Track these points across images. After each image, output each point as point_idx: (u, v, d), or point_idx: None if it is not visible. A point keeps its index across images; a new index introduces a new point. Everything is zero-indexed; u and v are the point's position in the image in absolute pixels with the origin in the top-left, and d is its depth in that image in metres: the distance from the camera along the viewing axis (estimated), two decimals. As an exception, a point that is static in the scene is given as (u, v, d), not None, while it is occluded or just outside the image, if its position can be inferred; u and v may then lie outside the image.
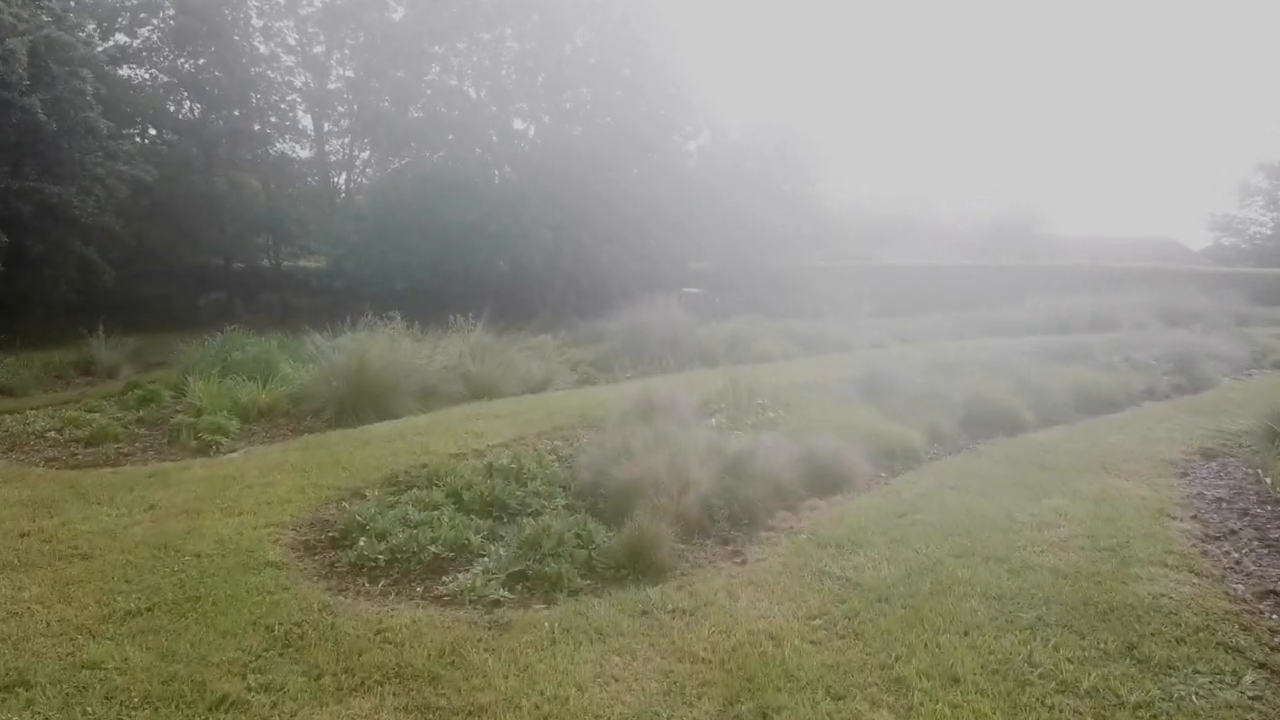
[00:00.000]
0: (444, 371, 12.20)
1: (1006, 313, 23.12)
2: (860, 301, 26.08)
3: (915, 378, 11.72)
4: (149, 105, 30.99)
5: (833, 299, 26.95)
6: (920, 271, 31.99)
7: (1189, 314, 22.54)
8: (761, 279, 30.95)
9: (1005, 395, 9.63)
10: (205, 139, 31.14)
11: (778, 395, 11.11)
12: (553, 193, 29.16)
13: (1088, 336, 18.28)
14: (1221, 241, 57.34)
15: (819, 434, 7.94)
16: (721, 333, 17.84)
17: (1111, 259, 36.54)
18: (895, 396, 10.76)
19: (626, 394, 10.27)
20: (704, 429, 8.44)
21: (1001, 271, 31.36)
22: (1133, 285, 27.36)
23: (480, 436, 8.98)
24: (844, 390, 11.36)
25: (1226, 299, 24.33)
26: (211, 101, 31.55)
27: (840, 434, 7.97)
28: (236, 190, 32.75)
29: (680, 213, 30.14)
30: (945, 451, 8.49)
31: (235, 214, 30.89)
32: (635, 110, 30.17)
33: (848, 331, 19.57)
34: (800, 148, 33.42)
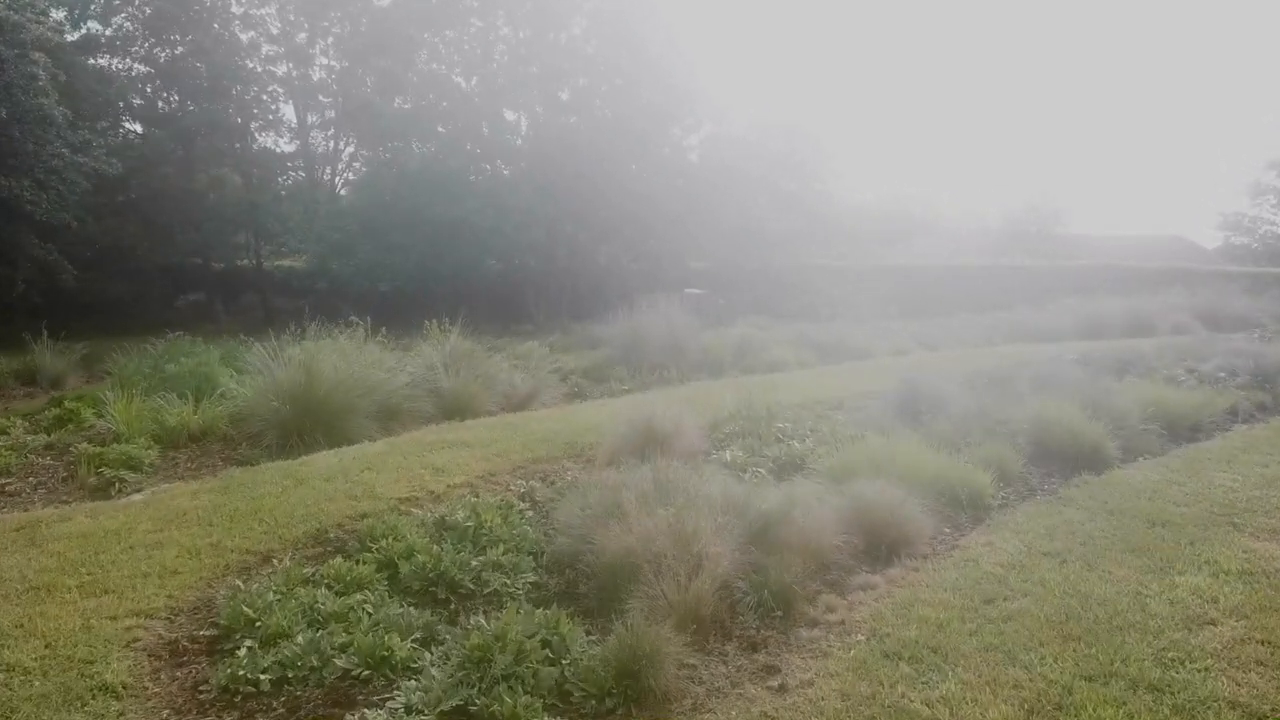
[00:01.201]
0: (411, 387, 10.53)
1: (1032, 315, 21.45)
2: (873, 303, 24.45)
3: (958, 394, 10.07)
4: (120, 96, 29.29)
5: (843, 300, 25.30)
6: (933, 271, 30.31)
7: (1232, 317, 20.91)
8: (767, 279, 29.31)
9: (1074, 418, 7.95)
10: (182, 132, 29.46)
11: (800, 417, 9.46)
12: (547, 188, 27.54)
13: (1133, 342, 16.61)
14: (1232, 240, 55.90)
15: (859, 474, 6.30)
16: (728, 338, 16.19)
17: (1128, 258, 34.90)
18: (940, 418, 9.11)
19: (622, 415, 8.61)
20: (716, 470, 6.79)
21: (1018, 272, 29.69)
22: (1155, 286, 25.75)
23: (440, 474, 7.32)
24: (877, 410, 9.69)
25: (1269, 301, 22.63)
26: (189, 92, 29.89)
27: (885, 473, 6.32)
28: (216, 186, 31.09)
29: (681, 210, 28.51)
30: (1018, 495, 6.82)
31: (213, 211, 29.23)
32: (634, 102, 28.52)
33: (865, 336, 17.90)
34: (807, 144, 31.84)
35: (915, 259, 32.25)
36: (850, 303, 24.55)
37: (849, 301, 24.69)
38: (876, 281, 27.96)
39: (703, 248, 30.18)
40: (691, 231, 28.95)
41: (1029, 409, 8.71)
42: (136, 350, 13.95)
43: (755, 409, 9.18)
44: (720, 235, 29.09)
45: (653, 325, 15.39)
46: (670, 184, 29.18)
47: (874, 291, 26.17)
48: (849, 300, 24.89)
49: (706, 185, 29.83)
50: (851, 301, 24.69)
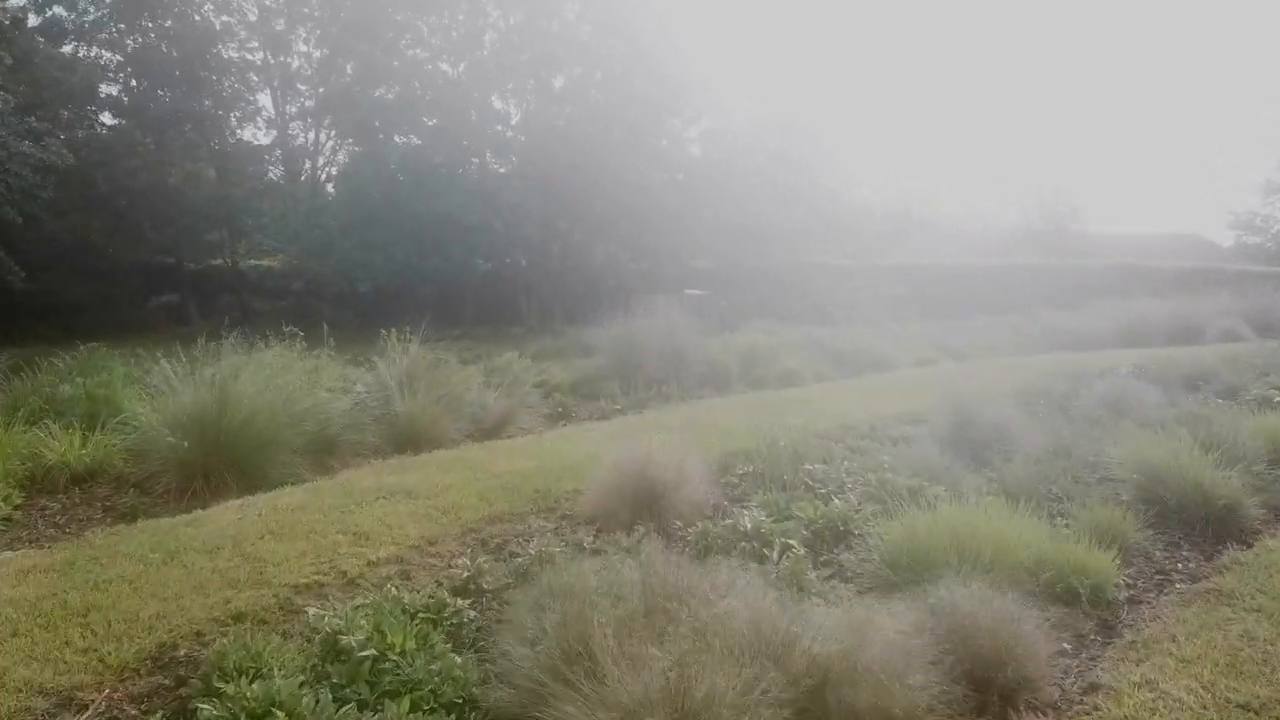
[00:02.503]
0: (357, 411, 8.73)
1: (1063, 319, 19.65)
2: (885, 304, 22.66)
3: (1018, 420, 8.27)
4: (86, 84, 27.44)
5: (854, 301, 23.51)
6: (946, 270, 28.48)
7: (1285, 321, 19.12)
8: (772, 279, 27.50)
9: (1192, 462, 6.12)
10: (153, 122, 27.67)
11: (830, 453, 7.65)
12: (539, 182, 25.76)
13: (1190, 352, 14.81)
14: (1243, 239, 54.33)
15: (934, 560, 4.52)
16: (735, 346, 14.38)
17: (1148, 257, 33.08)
18: (1007, 456, 7.32)
19: (611, 449, 6.82)
20: (730, 539, 5.00)
21: (1036, 271, 27.85)
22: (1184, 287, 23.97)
23: (363, 542, 5.52)
24: (923, 442, 7.88)
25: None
26: (161, 81, 28.10)
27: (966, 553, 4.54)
28: (192, 180, 29.28)
29: (681, 205, 26.70)
30: (1148, 582, 5.01)
31: (186, 207, 27.41)
32: (630, 92, 26.72)
33: (884, 343, 16.09)
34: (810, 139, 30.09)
35: (927, 257, 30.43)
36: (861, 304, 22.76)
37: (860, 303, 22.90)
38: (887, 281, 26.15)
39: (704, 245, 28.38)
40: (691, 228, 27.15)
41: (1123, 447, 6.90)
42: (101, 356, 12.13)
43: (776, 443, 7.36)
44: (722, 232, 27.28)
45: (650, 331, 13.58)
46: (669, 178, 27.39)
47: (885, 292, 24.40)
48: (860, 301, 23.09)
49: (707, 180, 28.04)
50: (862, 302, 22.90)
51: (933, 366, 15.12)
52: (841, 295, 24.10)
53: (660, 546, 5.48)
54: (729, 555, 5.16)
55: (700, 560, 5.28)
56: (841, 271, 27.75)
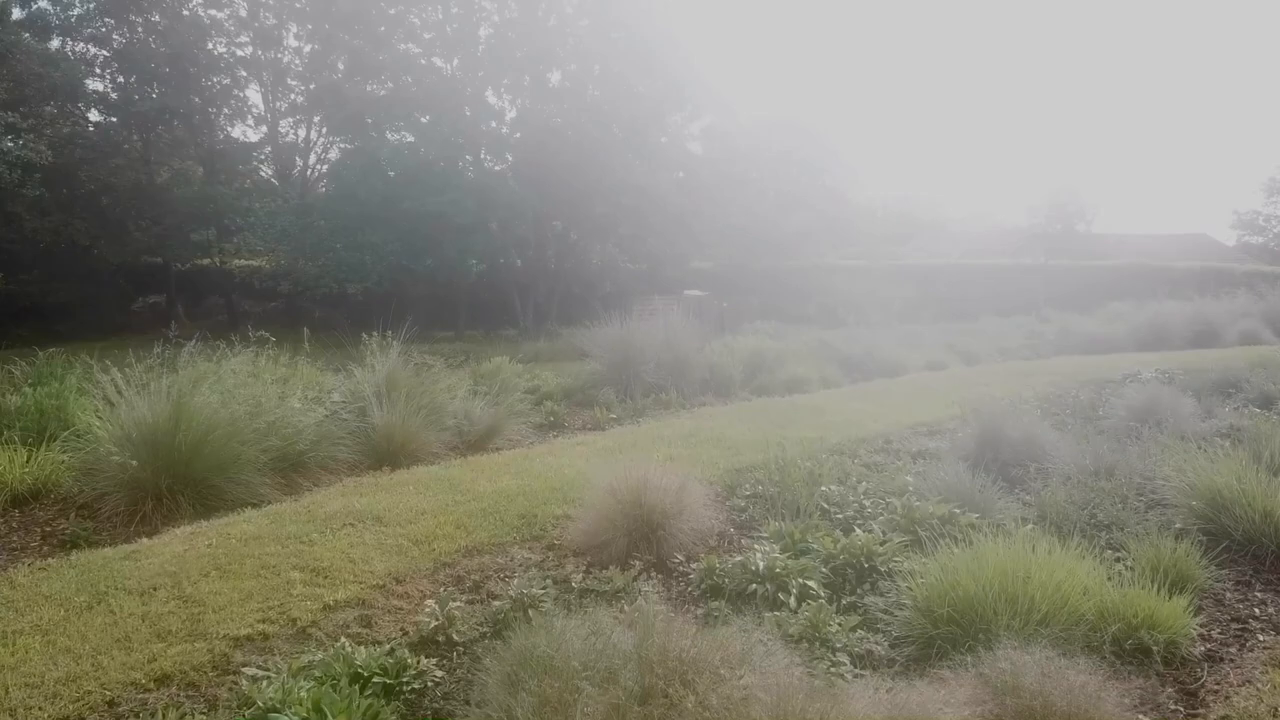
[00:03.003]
0: (330, 423, 8.04)
1: (1078, 322, 18.96)
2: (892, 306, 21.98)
3: (1048, 434, 7.59)
4: (70, 80, 26.71)
5: (860, 303, 22.80)
6: (956, 272, 27.80)
7: (1310, 324, 18.45)
8: (776, 281, 26.84)
9: (1255, 485, 5.42)
10: (140, 120, 27.00)
11: (845, 470, 6.98)
12: (535, 181, 25.08)
13: (1217, 356, 14.14)
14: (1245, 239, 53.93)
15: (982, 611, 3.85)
16: (739, 350, 13.69)
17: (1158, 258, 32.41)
18: (1037, 473, 6.66)
19: (602, 472, 6.12)
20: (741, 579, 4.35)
21: (1046, 272, 27.14)
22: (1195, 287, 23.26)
23: (321, 580, 4.84)
24: (945, 459, 7.21)
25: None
26: (148, 77, 27.36)
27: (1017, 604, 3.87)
28: (178, 179, 28.62)
29: (682, 205, 26.02)
30: (1224, 632, 4.33)
31: (173, 205, 26.68)
32: (629, 87, 26.05)
33: (894, 347, 15.40)
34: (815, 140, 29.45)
35: (934, 259, 29.73)
36: (868, 306, 22.07)
37: (866, 305, 22.21)
38: (894, 283, 25.44)
39: (705, 246, 27.72)
40: (692, 229, 26.47)
41: (1171, 466, 6.22)
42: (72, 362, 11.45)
43: (789, 467, 6.68)
44: (724, 233, 26.62)
45: (649, 334, 12.90)
46: (670, 177, 26.72)
47: (893, 293, 23.69)
48: (866, 303, 22.40)
49: (709, 179, 27.39)
50: (869, 304, 22.21)
51: (945, 371, 14.45)
52: (848, 297, 23.41)
53: (659, 588, 4.83)
54: (739, 601, 4.49)
55: (705, 604, 4.62)
56: (848, 273, 27.08)
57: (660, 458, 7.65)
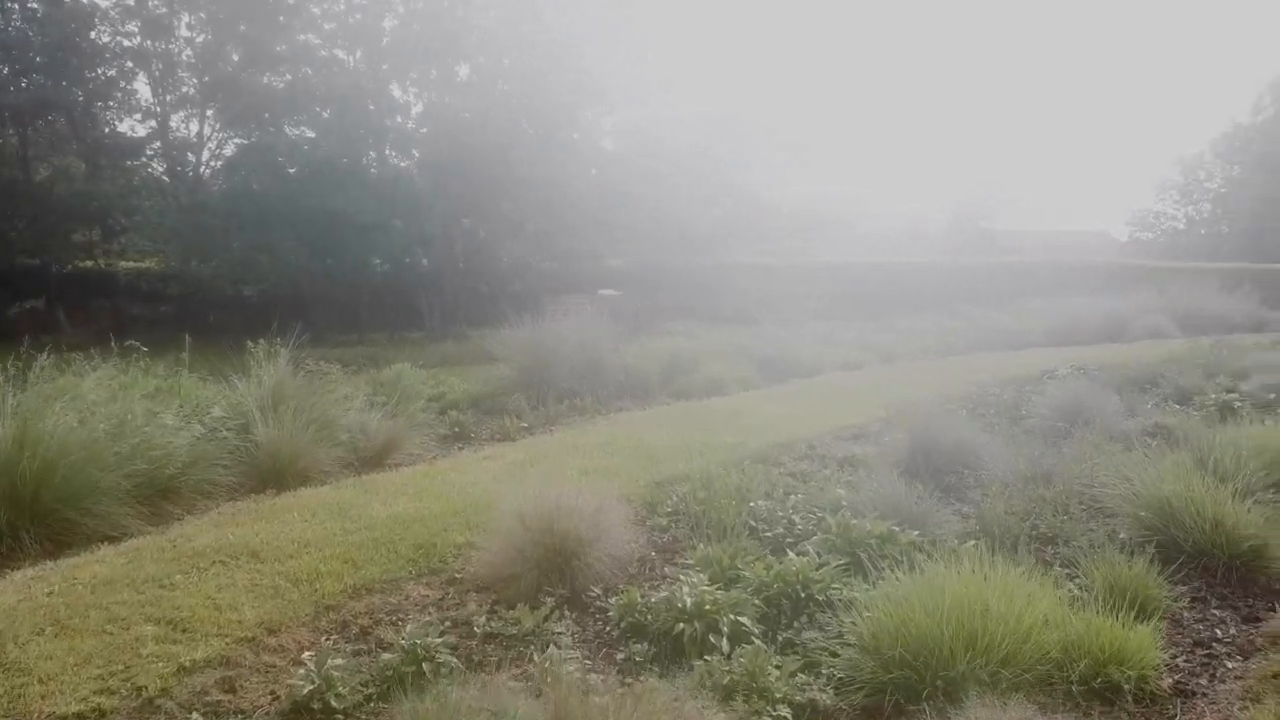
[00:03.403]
0: (207, 442, 7.25)
1: (991, 317, 19.06)
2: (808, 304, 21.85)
3: (976, 435, 7.28)
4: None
5: (777, 302, 22.58)
6: (870, 270, 27.85)
7: (1210, 318, 18.85)
8: (693, 279, 26.47)
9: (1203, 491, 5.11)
10: (16, 113, 25.14)
11: (772, 481, 6.53)
12: (442, 178, 24.17)
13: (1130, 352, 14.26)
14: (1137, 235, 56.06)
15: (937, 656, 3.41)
16: (656, 352, 13.19)
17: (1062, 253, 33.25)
18: (972, 481, 6.33)
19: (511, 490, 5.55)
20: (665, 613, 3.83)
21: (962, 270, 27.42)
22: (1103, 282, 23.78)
23: (178, 635, 4.15)
24: (874, 466, 6.83)
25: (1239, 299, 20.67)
26: (26, 68, 25.53)
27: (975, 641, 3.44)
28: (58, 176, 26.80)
29: (596, 203, 25.40)
30: (1192, 663, 3.97)
31: (51, 204, 24.93)
32: (541, 83, 25.32)
33: (811, 346, 15.12)
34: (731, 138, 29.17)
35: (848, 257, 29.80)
36: (783, 304, 21.85)
37: (782, 303, 21.98)
38: (809, 281, 25.31)
39: (619, 244, 27.18)
40: (607, 226, 25.90)
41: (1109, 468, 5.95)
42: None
43: (710, 471, 6.20)
44: (638, 231, 26.11)
45: (562, 336, 12.30)
46: (583, 173, 26.09)
47: (808, 291, 23.55)
48: (782, 301, 22.17)
49: (622, 176, 26.82)
50: (784, 303, 22.00)
51: (862, 371, 14.22)
52: (763, 295, 23.16)
53: (573, 628, 4.28)
54: (665, 643, 3.97)
55: (627, 646, 4.09)
56: (762, 270, 26.82)
57: (575, 471, 7.11)
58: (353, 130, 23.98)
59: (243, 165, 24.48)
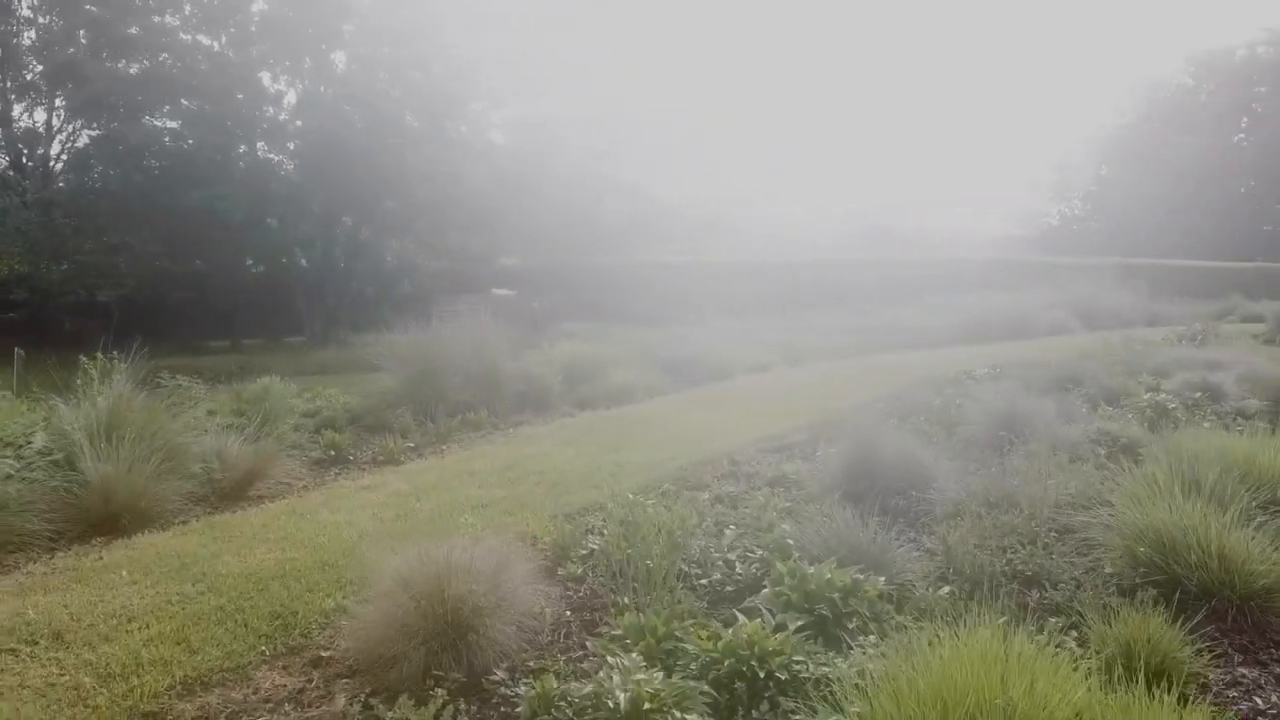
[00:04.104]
0: (18, 481, 5.97)
1: (899, 315, 18.74)
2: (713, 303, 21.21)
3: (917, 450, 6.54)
4: None
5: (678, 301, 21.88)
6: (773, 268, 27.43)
7: (1107, 313, 18.96)
8: (590, 278, 25.57)
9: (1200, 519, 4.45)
10: None
11: (702, 512, 5.66)
12: (320, 173, 22.60)
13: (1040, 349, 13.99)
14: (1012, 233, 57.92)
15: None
16: (558, 357, 12.24)
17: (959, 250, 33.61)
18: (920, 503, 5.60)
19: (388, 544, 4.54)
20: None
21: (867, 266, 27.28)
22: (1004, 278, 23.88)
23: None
24: (817, 489, 6.07)
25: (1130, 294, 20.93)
26: None
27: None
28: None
29: (488, 199, 24.23)
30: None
31: None
32: (425, 74, 24.02)
33: (719, 348, 14.39)
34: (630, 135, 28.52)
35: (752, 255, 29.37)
36: (686, 303, 21.17)
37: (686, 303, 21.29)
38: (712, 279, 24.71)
39: (513, 243, 26.09)
40: (500, 224, 24.78)
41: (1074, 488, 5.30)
42: None
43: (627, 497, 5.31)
44: (534, 228, 25.08)
45: (454, 342, 11.23)
46: (473, 169, 24.88)
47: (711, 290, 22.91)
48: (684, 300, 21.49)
49: (516, 172, 25.73)
50: (687, 302, 21.32)
51: (774, 373, 13.58)
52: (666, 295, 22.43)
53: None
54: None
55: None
56: (664, 270, 26.08)
57: (469, 505, 6.12)
58: (219, 121, 22.24)
59: (95, 159, 22.47)
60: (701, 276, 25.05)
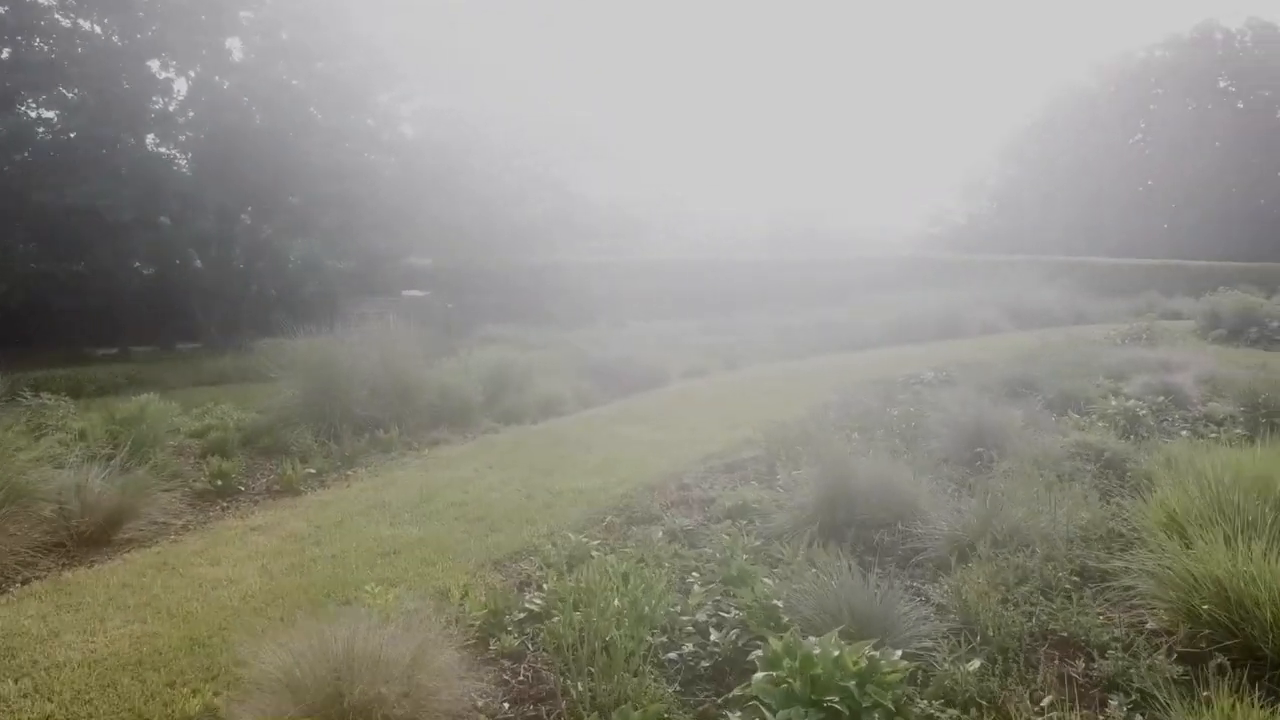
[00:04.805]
0: None
1: (830, 315, 18.18)
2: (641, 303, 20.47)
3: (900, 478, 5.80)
4: None
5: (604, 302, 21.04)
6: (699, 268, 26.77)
7: (1035, 311, 18.76)
8: (508, 278, 24.48)
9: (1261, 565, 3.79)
10: None
11: (658, 553, 4.81)
12: (216, 168, 21.08)
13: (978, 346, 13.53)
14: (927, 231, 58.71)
15: None
16: (479, 365, 11.19)
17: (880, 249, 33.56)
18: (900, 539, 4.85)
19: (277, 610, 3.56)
20: None
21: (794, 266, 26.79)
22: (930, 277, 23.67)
23: None
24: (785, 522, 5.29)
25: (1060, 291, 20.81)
26: None
27: None
28: None
29: (399, 196, 22.97)
30: None
31: None
32: (329, 61, 22.64)
33: (650, 351, 13.58)
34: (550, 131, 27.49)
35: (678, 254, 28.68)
36: (612, 304, 20.33)
37: (610, 303, 20.46)
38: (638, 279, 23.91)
39: (427, 241, 24.84)
40: (412, 221, 23.52)
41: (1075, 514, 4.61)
42: None
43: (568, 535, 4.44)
44: (449, 226, 23.91)
45: (361, 350, 10.14)
46: (382, 163, 23.62)
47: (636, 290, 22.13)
48: (610, 301, 20.65)
49: (430, 167, 24.55)
50: (613, 303, 20.48)
51: (710, 378, 12.84)
52: (589, 295, 21.55)
53: None
54: None
55: None
56: (587, 269, 25.11)
57: (379, 552, 5.16)
58: (103, 112, 20.49)
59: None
60: (627, 276, 24.21)
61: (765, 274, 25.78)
